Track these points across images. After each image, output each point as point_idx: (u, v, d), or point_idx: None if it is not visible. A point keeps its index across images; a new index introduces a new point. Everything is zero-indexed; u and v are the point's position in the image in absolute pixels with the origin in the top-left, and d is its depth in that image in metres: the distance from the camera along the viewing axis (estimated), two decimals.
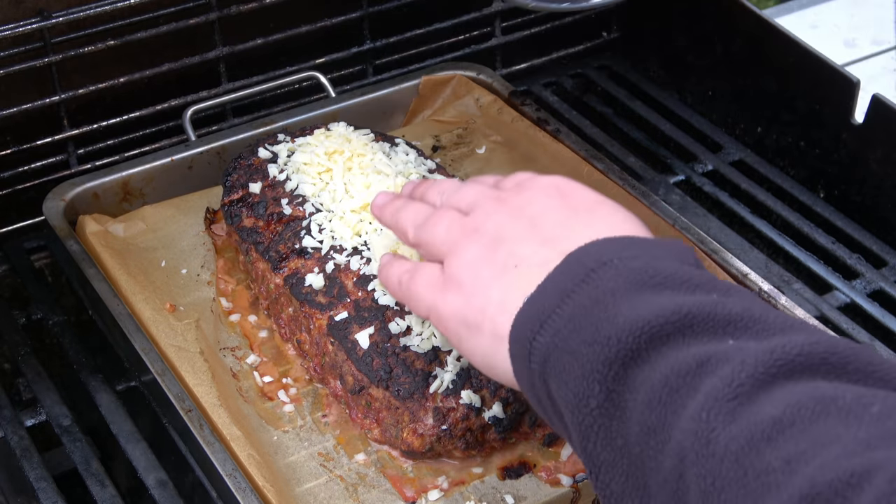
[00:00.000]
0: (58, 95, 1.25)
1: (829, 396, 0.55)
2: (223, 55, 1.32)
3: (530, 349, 0.68)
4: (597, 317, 0.65)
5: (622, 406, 0.62)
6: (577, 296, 0.67)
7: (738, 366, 0.58)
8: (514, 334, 0.70)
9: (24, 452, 1.02)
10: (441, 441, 0.90)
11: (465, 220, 0.81)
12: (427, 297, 0.81)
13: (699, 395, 0.58)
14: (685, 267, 0.68)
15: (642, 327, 0.62)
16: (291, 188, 1.07)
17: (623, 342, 0.62)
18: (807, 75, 1.31)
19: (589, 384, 0.63)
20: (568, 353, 0.65)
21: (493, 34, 1.48)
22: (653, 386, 0.60)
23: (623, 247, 0.70)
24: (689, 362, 0.60)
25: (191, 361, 0.99)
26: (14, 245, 1.25)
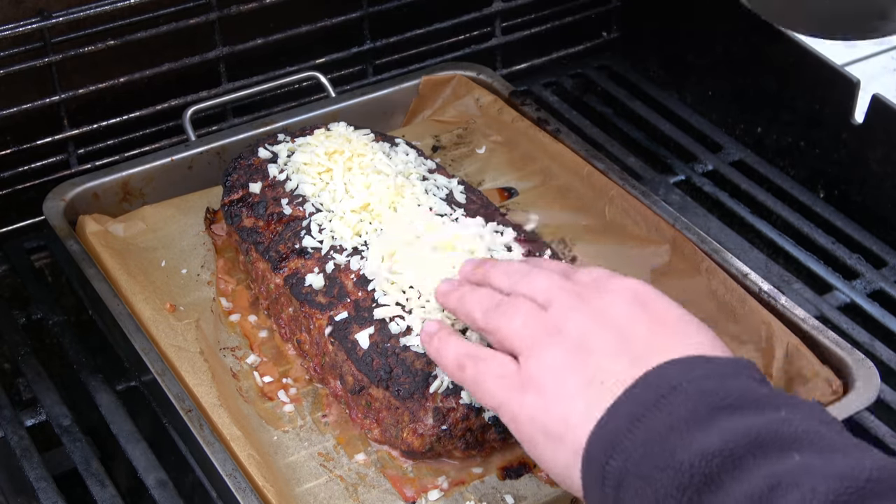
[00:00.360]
0: (58, 95, 1.25)
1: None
2: (223, 55, 1.32)
3: (603, 473, 0.69)
4: (670, 443, 0.66)
5: None
6: (648, 420, 0.68)
7: (808, 493, 0.59)
8: (587, 455, 0.71)
9: (24, 452, 1.02)
10: (441, 441, 0.90)
11: (545, 317, 0.79)
12: (500, 394, 0.79)
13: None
14: (752, 384, 0.69)
15: (714, 452, 0.63)
16: (291, 188, 1.07)
17: (696, 467, 0.63)
18: (807, 75, 1.31)
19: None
20: (641, 478, 0.66)
21: (493, 34, 1.48)
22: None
23: (693, 368, 0.71)
24: (760, 486, 0.61)
25: (191, 361, 0.99)
26: (14, 245, 1.25)
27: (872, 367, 0.95)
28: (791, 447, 0.63)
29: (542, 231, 1.15)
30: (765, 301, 1.02)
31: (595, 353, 0.75)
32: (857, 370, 0.95)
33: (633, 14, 1.54)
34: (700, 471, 0.63)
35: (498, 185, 1.22)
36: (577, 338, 0.76)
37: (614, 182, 1.16)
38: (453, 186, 1.09)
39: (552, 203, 1.19)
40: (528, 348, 0.78)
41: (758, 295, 1.02)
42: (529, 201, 1.20)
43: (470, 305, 0.85)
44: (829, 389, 0.94)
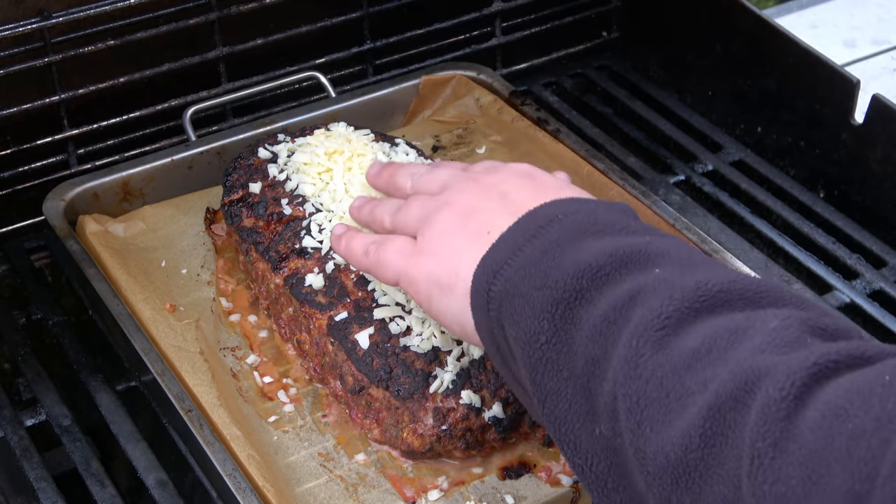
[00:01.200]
0: (58, 95, 1.25)
1: (741, 326, 0.62)
2: (223, 55, 1.32)
3: (488, 298, 0.75)
4: (545, 264, 0.72)
5: (568, 342, 0.69)
6: (527, 248, 0.74)
7: (665, 299, 0.65)
8: (474, 286, 0.77)
9: (24, 452, 1.02)
10: (441, 441, 0.90)
11: (438, 197, 0.86)
12: (397, 262, 0.85)
13: (631, 324, 0.65)
14: (624, 218, 0.76)
15: (584, 270, 0.70)
16: (291, 188, 1.07)
17: (568, 284, 0.70)
18: (807, 75, 1.31)
19: (539, 323, 0.70)
20: (519, 296, 0.72)
21: (493, 34, 1.48)
22: (594, 322, 0.67)
23: (570, 205, 0.77)
24: (623, 296, 0.67)
25: (191, 361, 0.99)
26: (14, 245, 1.25)
27: None
28: (653, 263, 0.69)
29: None
30: None
31: (482, 212, 0.82)
32: None
33: (633, 14, 1.54)
34: (571, 286, 0.69)
35: None
36: (465, 206, 0.83)
37: (614, 182, 1.16)
38: None
39: None
40: (422, 224, 0.85)
41: None
42: None
43: (378, 213, 0.91)
44: None
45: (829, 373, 0.57)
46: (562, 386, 0.69)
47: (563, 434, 0.69)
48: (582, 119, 1.44)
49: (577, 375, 0.68)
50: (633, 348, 0.64)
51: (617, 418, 0.64)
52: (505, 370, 0.77)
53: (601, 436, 0.66)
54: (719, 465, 0.58)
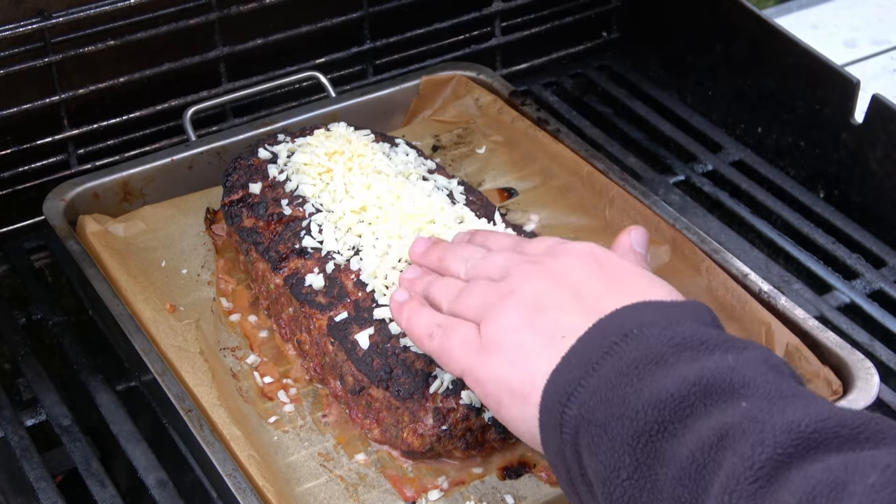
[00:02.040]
0: (58, 95, 1.25)
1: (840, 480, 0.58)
2: (223, 55, 1.32)
3: (561, 421, 0.70)
4: (623, 390, 0.67)
5: (653, 478, 0.65)
6: (602, 368, 0.69)
7: (757, 445, 0.61)
8: (543, 405, 0.72)
9: (24, 452, 1.02)
10: (441, 441, 0.90)
11: (500, 284, 0.81)
12: (463, 358, 0.80)
13: (722, 472, 0.61)
14: (702, 328, 0.71)
15: (666, 400, 0.65)
16: (291, 188, 1.07)
17: (650, 416, 0.65)
18: (807, 75, 1.31)
19: (619, 456, 0.66)
20: (597, 425, 0.68)
21: (493, 34, 1.48)
22: (681, 462, 0.63)
23: (644, 313, 0.72)
24: (710, 435, 0.63)
25: (191, 361, 0.99)
26: (14, 245, 1.25)
27: (872, 367, 0.95)
28: (739, 395, 0.65)
29: (542, 231, 1.15)
30: (765, 301, 1.02)
31: (550, 309, 0.77)
32: (856, 370, 0.95)
33: (633, 14, 1.54)
34: (653, 418, 0.65)
35: (498, 185, 1.22)
36: (532, 297, 0.78)
37: (614, 182, 1.16)
38: (453, 187, 1.09)
39: (552, 203, 1.19)
40: (486, 313, 0.80)
41: (758, 295, 1.02)
42: (529, 201, 1.20)
43: (436, 293, 0.87)
44: (828, 389, 0.94)
45: None
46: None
47: None
48: (582, 119, 1.44)
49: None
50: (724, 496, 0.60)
51: None
52: (572, 493, 0.72)
53: None
54: None
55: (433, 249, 0.91)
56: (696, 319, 0.72)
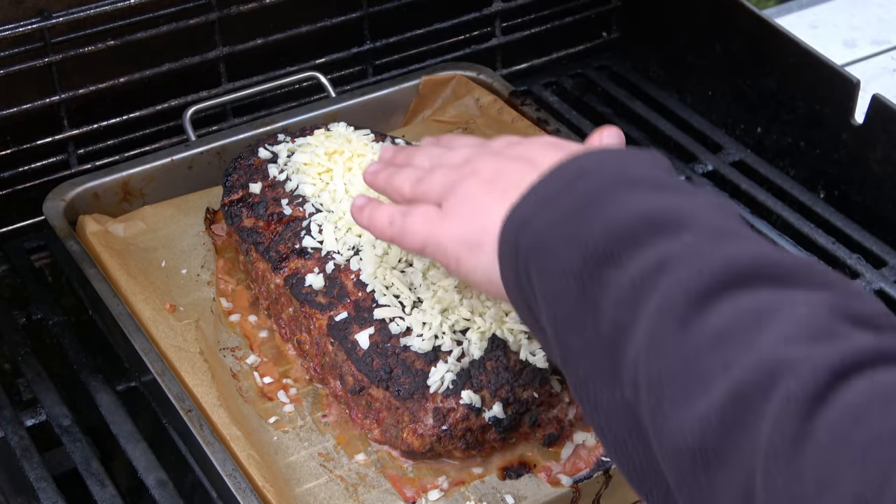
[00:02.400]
0: (58, 95, 1.25)
1: (767, 308, 0.61)
2: (223, 55, 1.32)
3: (516, 251, 0.74)
4: (575, 220, 0.71)
5: (594, 302, 0.68)
6: (557, 202, 0.73)
7: (694, 273, 0.64)
8: (502, 237, 0.76)
9: (24, 452, 1.02)
10: (441, 441, 0.90)
11: (462, 168, 0.85)
12: (423, 229, 0.84)
13: (657, 294, 0.64)
14: (658, 171, 0.74)
15: (613, 231, 0.68)
16: (291, 188, 1.07)
17: (598, 244, 0.68)
18: (807, 75, 1.31)
19: (566, 282, 0.69)
20: (547, 251, 0.71)
21: (493, 34, 1.48)
22: (622, 286, 0.66)
23: (601, 157, 0.76)
24: (651, 263, 0.66)
25: (191, 361, 0.99)
26: (14, 245, 1.25)
27: None
28: (684, 228, 0.67)
29: None
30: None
31: (508, 175, 0.81)
32: None
33: (633, 14, 1.54)
34: (600, 246, 0.68)
35: None
36: (491, 172, 0.82)
37: None
38: None
39: None
40: (446, 191, 0.84)
41: None
42: None
43: (398, 182, 0.90)
44: None
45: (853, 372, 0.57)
46: (586, 346, 0.68)
47: (585, 393, 0.69)
48: (582, 119, 1.44)
49: (602, 338, 0.67)
50: (657, 323, 0.63)
51: (638, 388, 0.64)
52: (532, 323, 0.76)
53: (622, 399, 0.66)
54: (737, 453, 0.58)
55: (401, 151, 0.95)
56: (653, 165, 0.75)
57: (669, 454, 0.62)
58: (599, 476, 0.92)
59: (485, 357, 0.91)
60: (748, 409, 0.58)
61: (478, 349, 0.91)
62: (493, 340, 0.92)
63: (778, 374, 0.58)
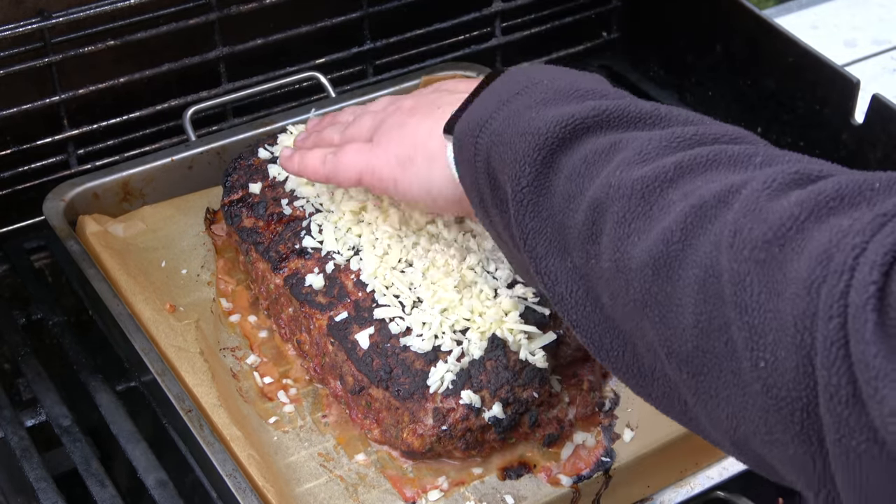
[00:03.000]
0: (58, 95, 1.25)
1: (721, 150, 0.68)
2: (223, 55, 1.32)
3: (475, 150, 0.79)
4: (529, 115, 0.76)
5: (548, 184, 0.74)
6: (513, 103, 0.78)
7: (645, 143, 0.70)
8: (459, 140, 0.81)
9: (24, 452, 1.02)
10: (441, 441, 0.90)
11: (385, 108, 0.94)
12: (357, 159, 0.91)
13: (612, 163, 0.70)
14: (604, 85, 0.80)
15: (567, 120, 0.74)
16: (291, 188, 1.07)
17: (551, 131, 0.74)
18: (807, 75, 1.30)
19: (521, 167, 0.75)
20: (504, 144, 0.77)
21: (493, 34, 1.48)
22: (573, 164, 0.73)
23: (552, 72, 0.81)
24: (604, 145, 0.72)
25: (191, 362, 0.99)
26: (14, 245, 1.25)
27: None
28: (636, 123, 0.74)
29: None
30: None
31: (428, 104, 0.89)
32: None
33: (633, 14, 1.54)
34: (554, 133, 0.74)
35: None
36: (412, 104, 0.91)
37: None
38: None
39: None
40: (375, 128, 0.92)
41: None
42: None
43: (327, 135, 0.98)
44: None
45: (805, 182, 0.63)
46: (541, 225, 0.74)
47: (543, 269, 0.74)
48: None
49: (554, 214, 0.73)
50: (615, 175, 0.69)
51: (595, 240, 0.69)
52: (486, 222, 0.82)
53: (574, 266, 0.72)
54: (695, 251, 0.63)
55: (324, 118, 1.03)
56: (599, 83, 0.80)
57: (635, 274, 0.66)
58: (599, 476, 0.92)
59: (484, 357, 0.91)
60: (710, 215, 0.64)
61: (478, 349, 0.91)
62: (492, 340, 0.92)
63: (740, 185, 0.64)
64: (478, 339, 0.91)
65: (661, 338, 0.65)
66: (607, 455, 0.93)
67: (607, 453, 0.94)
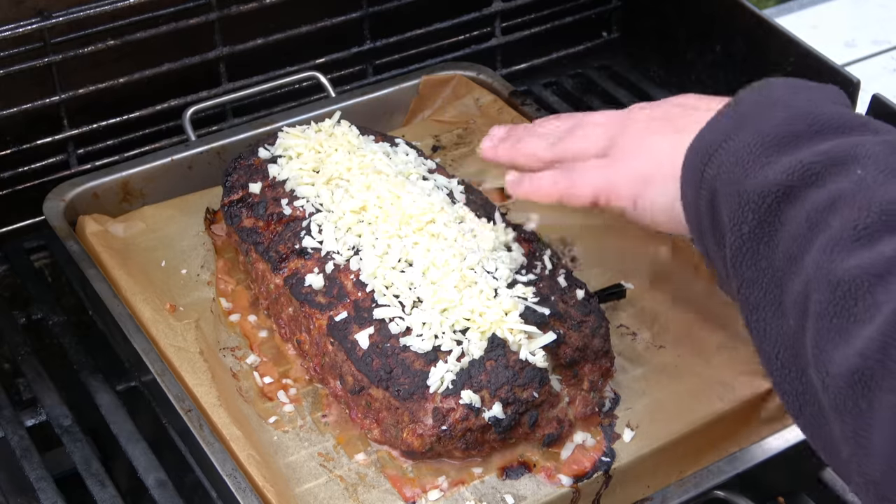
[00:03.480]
0: (58, 95, 1.25)
1: None
2: (223, 55, 1.32)
3: (701, 179, 0.76)
4: (759, 157, 0.73)
5: (771, 234, 0.71)
6: (742, 133, 0.75)
7: (864, 210, 0.66)
8: (687, 163, 0.78)
9: (24, 452, 1.02)
10: (441, 441, 0.90)
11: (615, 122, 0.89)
12: (595, 176, 0.87)
13: (829, 230, 0.67)
14: (841, 109, 0.75)
15: (795, 167, 0.70)
16: (291, 188, 1.06)
17: (779, 179, 0.71)
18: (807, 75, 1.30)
19: (744, 212, 0.72)
20: (729, 183, 0.74)
21: (493, 34, 1.48)
22: (798, 222, 0.69)
23: (786, 92, 0.77)
24: (825, 200, 0.68)
25: (191, 361, 0.99)
26: (14, 245, 1.25)
27: None
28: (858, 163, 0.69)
29: (542, 231, 1.15)
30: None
31: (666, 121, 0.84)
32: None
33: (633, 14, 1.54)
34: (781, 182, 0.70)
35: (498, 185, 1.22)
36: (646, 120, 0.86)
37: None
38: (453, 186, 1.09)
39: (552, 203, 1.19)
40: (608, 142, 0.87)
41: None
42: (529, 201, 1.19)
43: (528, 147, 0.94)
44: None
45: None
46: (759, 276, 0.71)
47: (755, 321, 0.72)
48: None
49: (775, 269, 0.70)
50: (826, 255, 0.66)
51: (805, 317, 0.66)
52: (700, 245, 0.79)
53: (788, 329, 0.69)
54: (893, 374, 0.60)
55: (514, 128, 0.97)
56: (834, 101, 0.76)
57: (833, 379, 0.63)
58: (599, 476, 0.92)
59: (484, 357, 0.91)
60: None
61: (477, 349, 0.91)
62: (492, 340, 0.92)
63: None
64: (478, 339, 0.91)
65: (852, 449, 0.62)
66: (607, 455, 0.93)
67: (607, 453, 0.94)
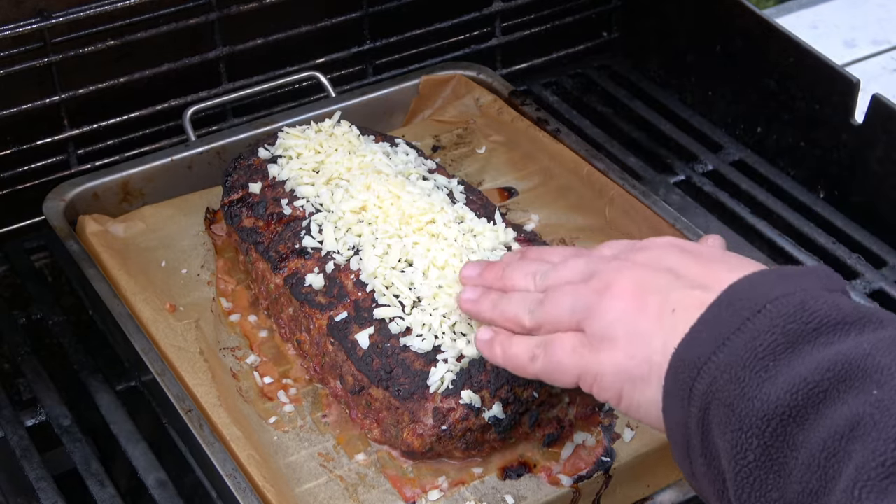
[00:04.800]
0: (58, 95, 1.25)
1: None
2: (223, 55, 1.32)
3: (690, 394, 0.69)
4: (755, 372, 0.66)
5: (781, 462, 0.64)
6: (732, 344, 0.68)
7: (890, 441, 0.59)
8: (670, 375, 0.70)
9: (24, 452, 1.02)
10: (441, 441, 0.90)
11: (590, 283, 0.78)
12: (575, 363, 0.78)
13: (852, 464, 0.60)
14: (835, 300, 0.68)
15: (799, 385, 0.64)
16: (291, 188, 1.07)
17: (781, 400, 0.64)
18: (807, 75, 1.31)
19: (747, 438, 0.65)
20: (726, 405, 0.66)
21: (493, 34, 1.48)
22: (812, 450, 0.62)
23: (773, 286, 0.69)
24: (842, 424, 0.62)
25: (191, 361, 0.99)
26: (14, 245, 1.25)
27: None
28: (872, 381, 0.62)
29: (542, 231, 1.15)
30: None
31: (653, 292, 0.74)
32: None
33: (633, 14, 1.54)
34: (785, 403, 0.64)
35: (498, 185, 1.22)
36: (630, 286, 0.76)
37: (614, 182, 1.16)
38: (453, 186, 1.09)
39: (552, 203, 1.19)
40: (585, 313, 0.77)
41: None
42: (529, 201, 1.20)
43: (510, 311, 0.84)
44: None
45: None
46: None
47: None
48: (582, 119, 1.45)
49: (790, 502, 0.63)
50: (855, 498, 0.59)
51: None
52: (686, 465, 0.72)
53: None
54: None
55: (489, 269, 0.89)
56: (826, 287, 0.70)
57: None
58: (599, 476, 0.92)
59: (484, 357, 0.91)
60: None
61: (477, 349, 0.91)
62: None
63: None
64: None
65: None
66: (607, 455, 0.93)
67: (607, 453, 0.94)
